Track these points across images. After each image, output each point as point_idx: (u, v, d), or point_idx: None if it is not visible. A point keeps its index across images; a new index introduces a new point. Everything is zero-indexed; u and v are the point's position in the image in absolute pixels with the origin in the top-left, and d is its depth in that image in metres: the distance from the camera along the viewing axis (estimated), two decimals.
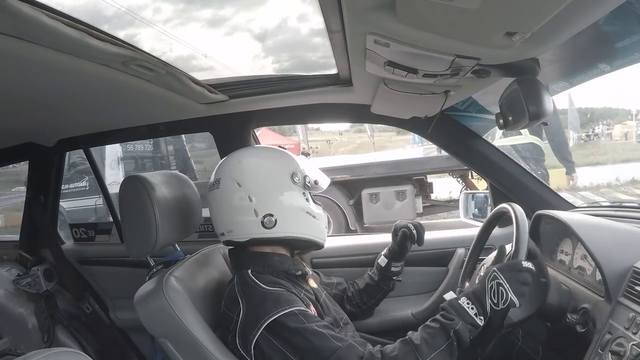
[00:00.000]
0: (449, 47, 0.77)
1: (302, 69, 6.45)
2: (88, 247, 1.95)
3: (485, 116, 1.49)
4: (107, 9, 3.10)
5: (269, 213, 1.08)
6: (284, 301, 0.99)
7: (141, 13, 25.25)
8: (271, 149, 1.24)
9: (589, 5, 0.63)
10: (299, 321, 0.96)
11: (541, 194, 1.50)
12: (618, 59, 0.98)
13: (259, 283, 1.04)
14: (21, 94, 1.11)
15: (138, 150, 5.91)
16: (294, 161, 1.17)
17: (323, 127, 20.03)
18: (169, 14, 36.65)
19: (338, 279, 1.39)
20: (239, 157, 1.15)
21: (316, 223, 1.15)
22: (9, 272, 1.83)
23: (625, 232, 1.03)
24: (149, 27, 10.99)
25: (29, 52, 0.81)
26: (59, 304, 1.84)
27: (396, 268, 1.34)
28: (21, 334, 1.76)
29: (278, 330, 0.96)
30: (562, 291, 1.04)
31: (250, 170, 1.11)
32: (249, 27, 34.20)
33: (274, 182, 1.11)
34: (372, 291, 1.37)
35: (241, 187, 1.09)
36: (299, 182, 1.12)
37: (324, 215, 1.20)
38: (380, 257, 1.36)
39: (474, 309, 0.94)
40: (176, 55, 4.48)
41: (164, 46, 5.52)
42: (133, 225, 1.18)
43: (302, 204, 1.13)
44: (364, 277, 1.39)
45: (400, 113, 1.56)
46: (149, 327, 1.10)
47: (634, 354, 0.78)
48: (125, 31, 3.39)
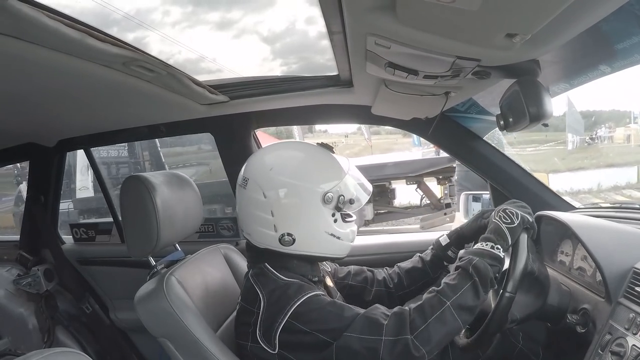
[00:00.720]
0: (449, 48, 0.77)
1: (310, 71, 6.51)
2: (88, 247, 1.95)
3: (486, 117, 1.49)
4: (115, 12, 3.10)
5: (288, 232, 1.03)
6: (305, 288, 0.99)
7: (150, 16, 25.22)
8: (314, 156, 1.11)
9: (590, 7, 0.63)
10: (321, 301, 0.97)
11: (541, 195, 1.50)
12: (618, 61, 0.98)
13: (278, 274, 1.03)
14: (22, 94, 1.11)
15: (112, 155, 5.68)
16: (334, 176, 1.06)
17: (331, 129, 20.03)
18: (178, 16, 36.78)
19: (355, 269, 1.31)
20: (272, 161, 1.07)
21: (338, 243, 1.09)
22: (9, 272, 1.84)
23: (625, 233, 1.03)
24: (157, 30, 10.94)
25: (29, 52, 0.81)
26: (59, 304, 1.84)
27: (452, 254, 1.23)
28: (21, 334, 1.76)
29: (304, 312, 0.95)
30: (562, 292, 1.05)
31: (280, 184, 1.03)
32: (257, 30, 34.08)
33: (301, 202, 1.03)
34: (417, 275, 1.26)
35: (266, 199, 1.03)
36: (331, 203, 1.04)
37: (353, 228, 1.13)
38: (443, 235, 1.26)
39: (488, 244, 0.96)
40: (184, 57, 4.46)
41: (173, 49, 5.49)
42: (134, 225, 1.18)
43: (328, 225, 1.06)
44: (413, 259, 1.30)
45: (401, 114, 1.56)
46: (149, 327, 1.10)
47: (634, 354, 0.78)
48: (135, 34, 3.35)
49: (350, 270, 1.29)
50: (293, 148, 1.22)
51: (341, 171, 1.08)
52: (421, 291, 1.24)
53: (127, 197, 1.17)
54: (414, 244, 1.62)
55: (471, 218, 1.25)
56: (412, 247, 1.56)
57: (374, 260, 1.59)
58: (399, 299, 1.26)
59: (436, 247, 1.25)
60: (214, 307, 1.15)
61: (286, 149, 1.19)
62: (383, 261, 1.55)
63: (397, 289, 1.26)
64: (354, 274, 1.29)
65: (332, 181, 1.05)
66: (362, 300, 1.24)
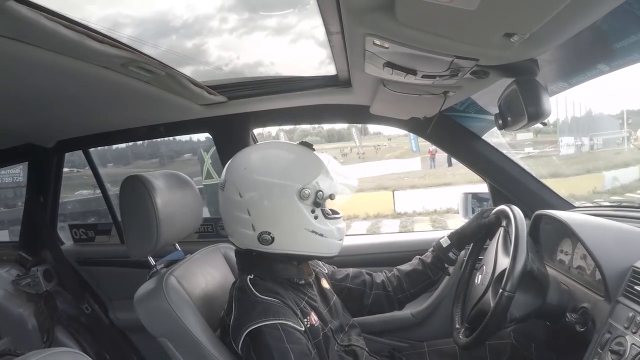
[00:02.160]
0: (447, 48, 0.77)
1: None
2: (87, 248, 1.95)
3: (484, 117, 1.49)
4: (175, 20, 3.10)
5: (266, 231, 1.03)
6: (272, 312, 0.97)
7: (209, 23, 25.47)
8: (289, 153, 1.11)
9: (588, 6, 0.63)
10: (278, 338, 0.94)
11: (541, 194, 1.50)
12: (617, 60, 0.98)
13: (254, 291, 1.02)
14: (21, 95, 1.11)
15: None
16: (310, 172, 1.05)
17: (383, 131, 20.09)
18: (235, 23, 36.53)
19: (354, 271, 1.29)
20: (245, 161, 1.08)
21: (321, 240, 1.06)
22: (9, 273, 1.84)
23: (624, 232, 1.04)
24: (217, 36, 11.00)
25: (28, 54, 0.81)
26: (58, 304, 1.85)
27: (453, 256, 1.23)
28: (21, 335, 1.76)
29: (257, 339, 0.95)
30: (561, 291, 1.05)
31: (253, 183, 1.03)
32: (313, 34, 33.91)
33: (276, 199, 1.02)
34: (417, 278, 1.25)
35: (242, 199, 1.03)
36: (309, 199, 1.03)
37: (339, 225, 1.10)
38: (444, 237, 1.25)
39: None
40: (242, 62, 4.39)
41: (232, 54, 5.46)
42: (134, 224, 1.18)
43: (307, 222, 1.04)
44: (412, 261, 1.28)
45: (399, 114, 1.56)
46: (149, 326, 1.10)
47: (633, 353, 0.78)
48: (194, 40, 3.32)
49: (348, 273, 1.28)
50: (269, 147, 1.21)
51: (318, 167, 1.07)
52: (421, 294, 1.26)
53: (126, 197, 1.17)
54: (414, 244, 1.63)
55: (471, 218, 1.26)
56: (412, 246, 1.57)
57: (374, 259, 1.59)
58: (398, 302, 1.26)
59: (437, 248, 1.25)
60: (214, 306, 1.15)
61: (262, 149, 1.19)
62: (383, 260, 1.56)
63: (396, 292, 1.25)
64: (353, 276, 1.27)
65: (308, 177, 1.04)
66: (362, 304, 1.25)
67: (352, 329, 1.18)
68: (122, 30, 1.09)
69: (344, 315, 1.19)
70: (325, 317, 1.10)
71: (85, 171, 4.77)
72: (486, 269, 1.12)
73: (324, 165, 1.09)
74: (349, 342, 1.14)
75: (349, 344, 1.13)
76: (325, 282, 1.21)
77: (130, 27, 1.15)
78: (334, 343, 1.08)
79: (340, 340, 1.12)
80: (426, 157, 16.27)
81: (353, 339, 1.15)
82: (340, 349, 1.10)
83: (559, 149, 12.14)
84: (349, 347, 1.12)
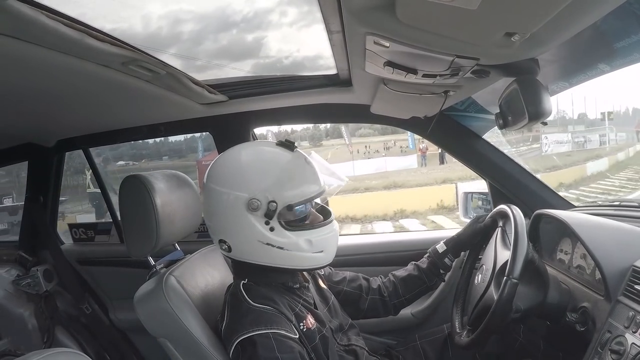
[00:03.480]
0: (448, 47, 0.77)
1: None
2: (87, 248, 1.95)
3: (485, 116, 1.49)
4: (234, 14, 3.09)
5: (222, 239, 1.01)
6: (264, 321, 0.94)
7: (268, 17, 25.16)
8: (244, 158, 1.04)
9: (589, 6, 0.63)
10: (270, 348, 0.91)
11: (540, 194, 1.50)
12: (617, 59, 0.98)
13: (247, 298, 1.00)
14: (21, 94, 1.11)
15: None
16: (262, 180, 0.97)
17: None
18: (294, 16, 36.31)
19: (351, 275, 1.27)
20: (210, 169, 1.04)
21: (283, 254, 0.99)
22: (9, 273, 1.83)
23: (624, 231, 1.03)
24: (276, 30, 10.77)
25: (28, 52, 0.81)
26: (58, 304, 1.84)
27: (448, 262, 1.23)
28: (21, 335, 1.76)
29: (248, 348, 0.93)
30: (561, 290, 1.05)
31: (207, 190, 1.01)
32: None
33: (224, 209, 0.98)
34: (412, 283, 1.24)
35: (202, 205, 1.05)
36: (258, 210, 0.96)
37: (314, 237, 1.00)
38: (440, 243, 1.25)
39: None
40: (303, 55, 4.39)
41: (292, 47, 5.42)
42: (133, 224, 1.17)
43: (260, 235, 0.97)
44: (407, 267, 1.28)
45: (400, 113, 1.56)
46: (148, 327, 1.10)
47: (633, 352, 0.78)
48: (254, 34, 3.30)
49: (345, 276, 1.27)
50: (236, 150, 1.08)
51: (273, 175, 0.98)
52: (416, 299, 1.27)
53: (126, 197, 1.17)
54: (414, 243, 1.63)
55: (467, 224, 1.27)
56: (412, 246, 1.57)
57: (371, 259, 1.59)
58: (393, 308, 1.26)
59: (432, 254, 1.25)
60: (214, 306, 1.15)
61: (229, 152, 1.07)
62: (380, 260, 1.56)
63: (392, 297, 1.25)
64: (350, 280, 1.26)
65: (258, 186, 0.96)
66: (358, 308, 1.25)
67: (351, 329, 1.18)
68: (183, 26, 1.09)
69: (343, 315, 1.19)
70: (325, 317, 1.10)
71: (141, 164, 4.73)
72: (486, 266, 1.12)
73: (290, 172, 1.00)
74: (348, 341, 1.13)
75: (348, 343, 1.13)
76: (322, 282, 1.21)
77: (191, 23, 1.15)
78: (334, 343, 1.08)
79: (340, 340, 1.12)
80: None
81: (353, 339, 1.15)
82: (340, 348, 1.10)
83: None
84: (349, 346, 1.12)
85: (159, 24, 2.01)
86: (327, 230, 1.03)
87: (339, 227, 1.09)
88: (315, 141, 32.03)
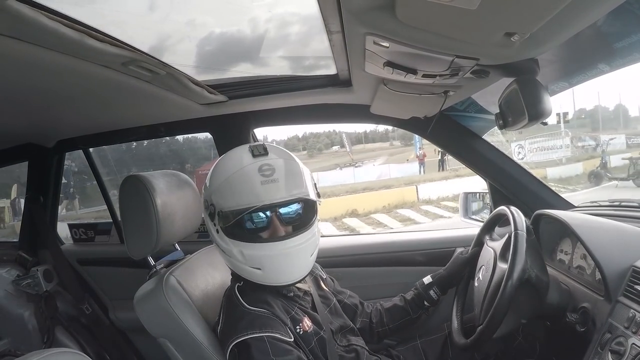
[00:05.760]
0: (448, 47, 0.77)
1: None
2: (87, 248, 1.95)
3: (485, 116, 1.49)
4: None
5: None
6: (258, 324, 0.96)
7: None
8: (219, 160, 1.06)
9: (588, 6, 0.63)
10: (264, 351, 0.93)
11: (540, 194, 1.50)
12: (617, 59, 0.98)
13: (242, 301, 1.01)
14: (21, 94, 1.11)
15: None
16: (212, 182, 1.01)
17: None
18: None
19: (352, 294, 1.31)
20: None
21: (227, 258, 1.03)
22: (9, 273, 1.83)
23: (624, 232, 1.03)
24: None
25: (28, 53, 0.81)
26: (58, 304, 1.84)
27: (434, 295, 1.25)
28: (21, 335, 1.76)
29: (243, 352, 0.95)
30: (561, 290, 1.05)
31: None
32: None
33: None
34: (397, 313, 1.27)
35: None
36: (207, 210, 1.02)
37: (251, 251, 0.97)
38: (427, 276, 1.28)
39: None
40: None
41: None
42: (134, 224, 1.17)
43: (212, 233, 1.03)
44: (395, 297, 1.31)
45: (400, 113, 1.56)
46: (148, 327, 1.10)
47: (633, 353, 0.78)
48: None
49: (347, 292, 1.30)
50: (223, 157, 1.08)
51: (220, 180, 0.99)
52: (400, 330, 1.28)
53: (126, 197, 1.17)
54: (414, 243, 1.62)
55: (450, 261, 1.30)
56: (412, 246, 1.57)
57: (374, 258, 1.59)
58: (377, 335, 1.27)
59: (419, 285, 1.28)
60: (213, 306, 1.14)
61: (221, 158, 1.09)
62: (383, 260, 1.55)
63: (378, 325, 1.27)
64: (350, 295, 1.30)
65: (209, 188, 1.02)
66: (354, 322, 1.25)
67: (351, 330, 1.18)
68: (289, 28, 1.13)
69: (344, 316, 1.20)
70: (324, 319, 1.10)
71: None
72: (485, 267, 1.12)
73: (230, 179, 0.97)
74: (348, 342, 1.14)
75: (349, 344, 1.13)
76: (323, 284, 1.22)
77: (297, 25, 1.17)
78: (334, 344, 1.08)
79: (340, 341, 1.12)
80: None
81: (353, 339, 1.15)
82: (341, 349, 1.10)
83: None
84: (349, 347, 1.13)
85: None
86: (268, 249, 0.98)
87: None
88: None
